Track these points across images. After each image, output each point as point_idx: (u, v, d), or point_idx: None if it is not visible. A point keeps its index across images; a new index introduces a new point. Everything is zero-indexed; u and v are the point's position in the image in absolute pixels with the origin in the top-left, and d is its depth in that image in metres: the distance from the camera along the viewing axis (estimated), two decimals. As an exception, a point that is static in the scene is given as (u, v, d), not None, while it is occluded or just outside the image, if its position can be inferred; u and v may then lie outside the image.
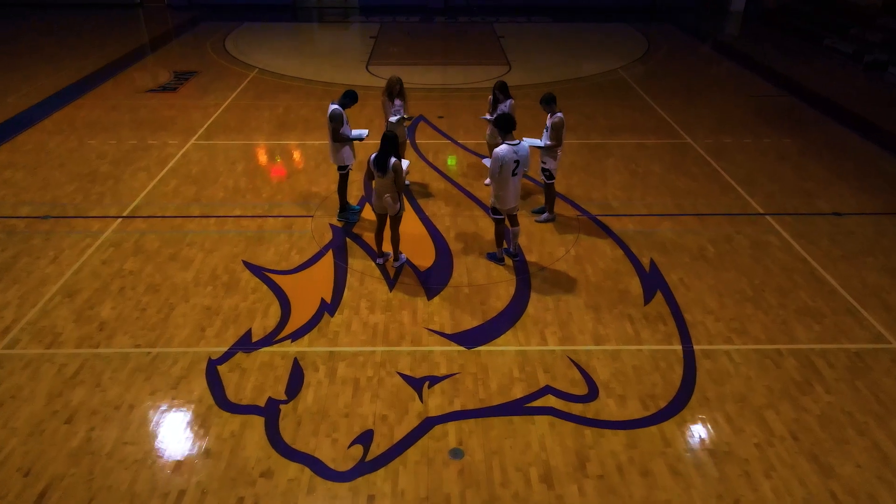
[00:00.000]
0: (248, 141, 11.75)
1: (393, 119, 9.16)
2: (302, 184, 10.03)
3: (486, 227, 8.70)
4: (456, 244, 8.36)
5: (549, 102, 8.39)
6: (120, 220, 8.90)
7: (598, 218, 9.05)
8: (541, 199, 9.27)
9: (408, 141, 9.85)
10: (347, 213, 8.91)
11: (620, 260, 8.04)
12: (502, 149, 7.25)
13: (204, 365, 6.24)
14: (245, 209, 9.22)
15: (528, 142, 8.41)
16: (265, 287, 7.44)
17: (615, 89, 15.16)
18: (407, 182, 9.97)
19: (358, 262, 7.94)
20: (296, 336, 6.66)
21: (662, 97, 14.39)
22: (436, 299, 7.26)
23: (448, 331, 6.75)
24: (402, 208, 7.53)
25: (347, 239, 8.46)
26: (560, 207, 9.16)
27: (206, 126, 12.39)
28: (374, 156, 7.31)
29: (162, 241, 8.36)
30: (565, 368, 6.24)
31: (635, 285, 7.54)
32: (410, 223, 8.69)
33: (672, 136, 12.16)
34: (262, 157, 11.05)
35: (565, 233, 8.66)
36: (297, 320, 6.89)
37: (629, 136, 12.13)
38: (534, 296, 7.33)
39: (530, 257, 8.07)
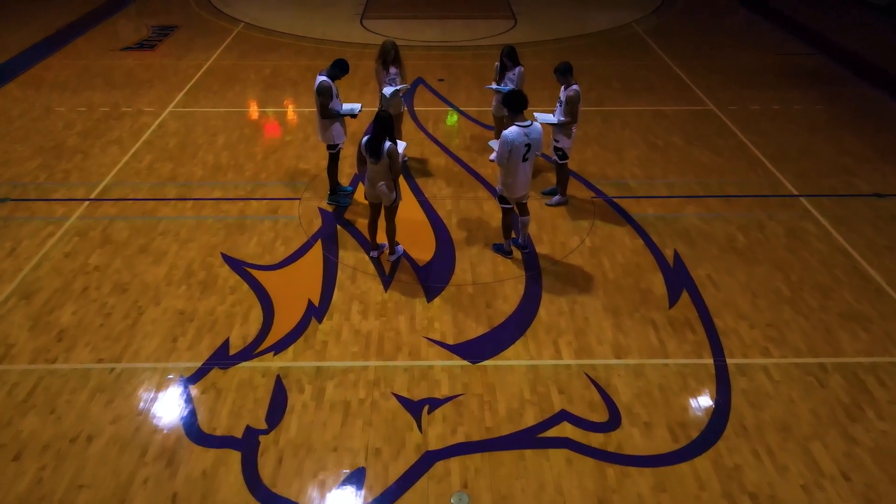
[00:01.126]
0: (231, 108, 10.76)
1: (387, 91, 8.20)
2: (289, 159, 9.12)
3: (492, 212, 7.87)
4: (458, 232, 7.54)
5: (564, 73, 7.42)
6: (87, 203, 8.04)
7: (615, 200, 8.20)
8: (552, 179, 8.40)
9: (405, 110, 8.90)
10: (338, 195, 8.06)
11: (641, 252, 7.24)
12: (512, 131, 6.35)
13: (174, 384, 5.52)
14: (226, 190, 8.35)
15: (540, 118, 7.51)
16: (246, 286, 6.66)
17: (629, 46, 14.03)
18: (405, 157, 9.06)
19: (349, 255, 7.14)
20: (279, 347, 5.92)
21: (681, 55, 13.28)
22: (436, 301, 6.50)
23: (450, 340, 6.01)
24: (398, 197, 6.69)
25: (338, 226, 7.64)
26: (573, 188, 8.30)
27: (185, 90, 11.37)
28: (365, 139, 6.42)
29: (132, 229, 7.54)
30: (582, 388, 5.52)
31: (658, 283, 6.77)
32: (408, 208, 7.84)
33: (693, 101, 11.16)
34: (246, 128, 10.09)
35: (579, 218, 7.82)
36: (280, 327, 6.15)
37: (646, 101, 11.13)
38: (545, 297, 6.56)
39: (541, 248, 7.27)
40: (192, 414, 5.25)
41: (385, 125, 6.31)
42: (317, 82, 7.31)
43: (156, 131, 9.90)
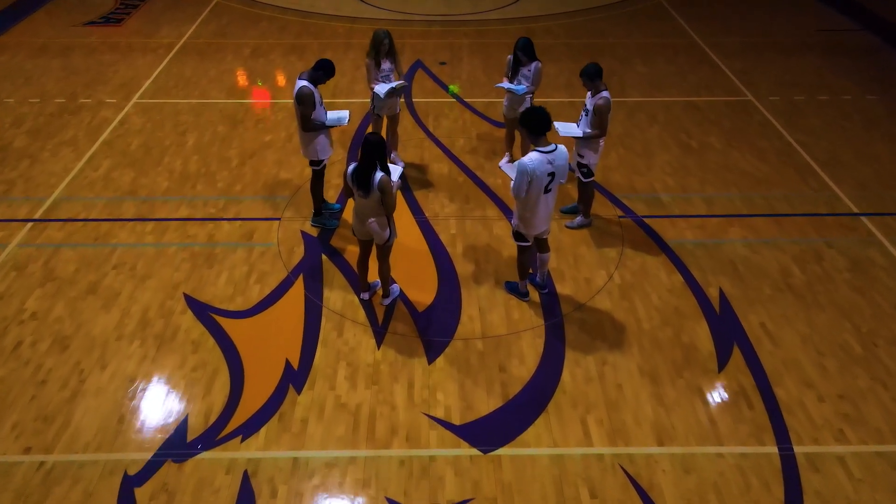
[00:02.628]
0: (205, 99, 9.48)
1: (380, 89, 6.96)
2: (269, 166, 7.92)
3: (503, 236, 6.73)
4: (464, 264, 6.41)
5: (592, 77, 6.17)
6: (30, 224, 6.90)
7: (646, 220, 7.05)
8: (572, 194, 7.22)
9: (401, 105, 7.61)
10: (324, 217, 6.90)
11: (680, 291, 6.14)
12: (532, 159, 5.16)
13: (116, 484, 4.48)
14: (193, 208, 7.18)
15: (562, 129, 6.30)
16: (211, 340, 5.57)
17: (652, 19, 12.58)
18: (402, 167, 7.88)
19: (336, 297, 6.03)
20: (248, 429, 4.87)
21: (710, 30, 11.88)
22: (439, 361, 5.42)
23: (456, 419, 4.95)
24: (392, 235, 5.54)
25: (323, 255, 6.51)
26: (597, 204, 7.12)
27: (153, 77, 10.05)
28: (352, 168, 5.24)
29: (81, 260, 6.41)
30: (620, 489, 4.49)
31: (703, 335, 5.68)
32: (405, 230, 6.70)
33: (728, 89, 9.86)
34: (221, 125, 8.84)
35: (605, 245, 6.68)
36: (251, 400, 5.08)
37: (675, 90, 9.84)
38: (570, 355, 5.48)
39: (562, 287, 6.16)
40: (137, 531, 4.23)
41: (375, 151, 5.12)
42: (296, 88, 6.07)
43: (117, 129, 8.65)
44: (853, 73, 10.39)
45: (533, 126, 5.18)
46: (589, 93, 6.26)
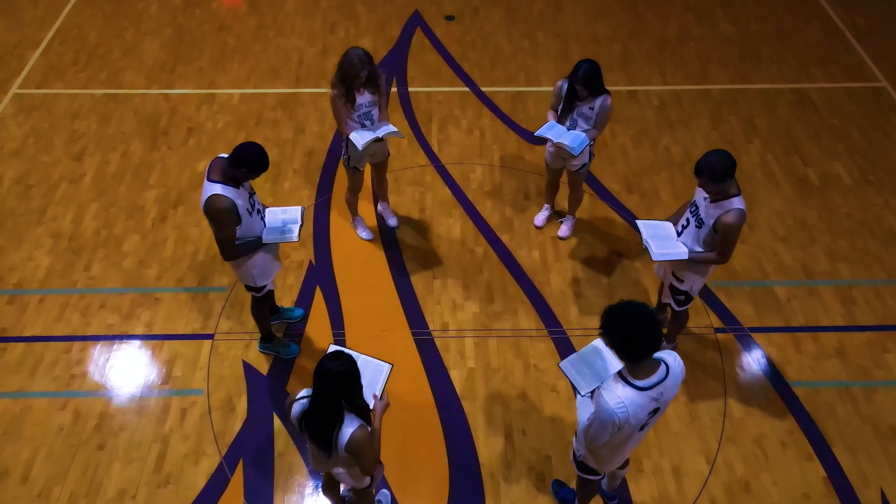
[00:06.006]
0: (115, 89, 6.70)
1: (359, 138, 4.40)
2: (190, 229, 5.42)
3: (548, 369, 4.49)
4: (489, 437, 4.21)
5: (718, 176, 3.55)
6: None
7: (754, 337, 4.74)
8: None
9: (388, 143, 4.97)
10: (278, 344, 4.58)
11: (825, 494, 4.00)
12: (623, 401, 2.77)
13: None
14: (74, 321, 4.82)
15: (656, 248, 3.89)
16: None
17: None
18: (392, 222, 5.42)
19: (293, 513, 3.91)
20: None
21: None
22: None
23: None
24: (375, 479, 3.31)
25: (275, 416, 4.30)
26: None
27: (40, 50, 7.13)
28: (299, 410, 2.91)
29: None
30: None
31: None
32: (402, 361, 4.42)
33: (856, 72, 7.01)
34: (135, 139, 6.19)
35: (704, 395, 4.44)
36: None
37: (777, 69, 7.00)
38: None
39: (639, 490, 4.01)
40: None
41: (339, 390, 2.77)
42: (204, 196, 3.52)
43: (-15, 148, 6.05)
44: None
45: (626, 347, 2.76)
46: (704, 193, 3.71)
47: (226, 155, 3.59)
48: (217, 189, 3.46)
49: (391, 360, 3.33)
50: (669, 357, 2.89)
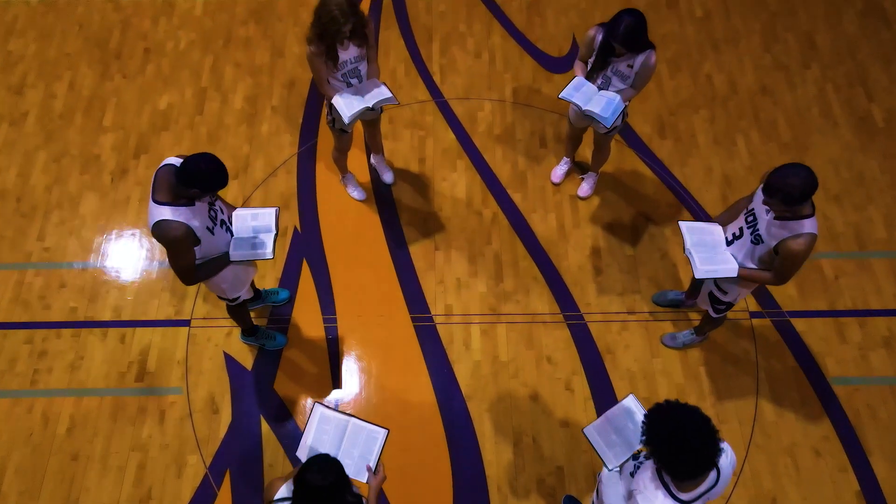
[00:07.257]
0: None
1: (343, 105, 3.62)
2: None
3: (562, 362, 4.06)
4: (495, 447, 3.86)
5: (792, 199, 2.83)
6: None
7: (796, 325, 4.24)
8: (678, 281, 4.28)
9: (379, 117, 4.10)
10: (261, 336, 4.09)
11: (852, 513, 3.74)
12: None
13: None
14: (37, 291, 4.31)
15: (700, 264, 3.32)
16: None
17: None
18: (388, 177, 4.73)
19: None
20: None
21: None
22: None
23: None
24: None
25: (264, 421, 3.93)
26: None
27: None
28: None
29: None
30: None
31: None
32: (397, 338, 4.00)
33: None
34: (84, 67, 5.24)
35: (733, 397, 4.02)
36: None
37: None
38: None
39: None
40: None
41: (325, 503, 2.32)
42: (151, 221, 2.83)
43: None
44: None
45: (673, 468, 2.26)
46: (765, 207, 3.00)
47: (175, 161, 2.86)
48: (166, 214, 2.78)
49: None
50: (722, 456, 2.40)
